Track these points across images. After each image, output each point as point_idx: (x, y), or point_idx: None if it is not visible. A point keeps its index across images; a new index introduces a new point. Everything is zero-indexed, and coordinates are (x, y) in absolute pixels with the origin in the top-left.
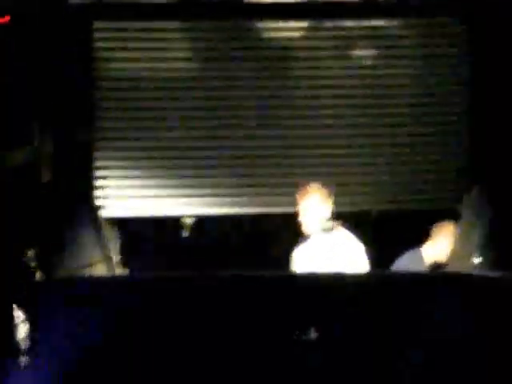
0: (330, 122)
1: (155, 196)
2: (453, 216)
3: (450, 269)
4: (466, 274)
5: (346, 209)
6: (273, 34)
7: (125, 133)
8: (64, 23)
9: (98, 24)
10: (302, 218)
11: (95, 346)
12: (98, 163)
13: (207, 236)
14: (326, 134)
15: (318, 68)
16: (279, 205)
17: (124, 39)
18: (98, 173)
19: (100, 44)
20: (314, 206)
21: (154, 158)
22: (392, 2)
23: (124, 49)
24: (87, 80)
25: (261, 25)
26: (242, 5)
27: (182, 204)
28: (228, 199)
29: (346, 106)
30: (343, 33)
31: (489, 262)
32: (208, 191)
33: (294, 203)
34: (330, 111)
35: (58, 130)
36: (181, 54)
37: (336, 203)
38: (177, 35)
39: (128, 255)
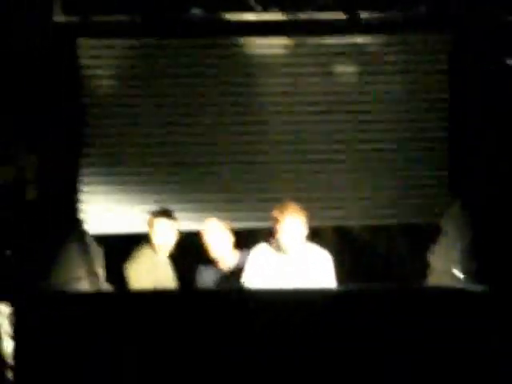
0: (312, 138)
1: (142, 212)
2: (434, 230)
3: (430, 283)
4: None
5: (328, 224)
6: (255, 51)
7: (111, 149)
8: (49, 41)
9: (82, 41)
10: (282, 237)
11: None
12: (85, 179)
13: None
14: (308, 150)
15: (299, 85)
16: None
17: (109, 56)
18: (85, 188)
19: (85, 61)
20: (299, 226)
21: (142, 174)
22: (375, 18)
23: (110, 66)
24: (73, 98)
25: (243, 42)
26: (224, 22)
27: None
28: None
29: (327, 122)
30: (325, 50)
31: (470, 277)
32: (197, 206)
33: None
34: (310, 127)
35: (43, 147)
36: (166, 71)
37: (318, 218)
38: (162, 53)
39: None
